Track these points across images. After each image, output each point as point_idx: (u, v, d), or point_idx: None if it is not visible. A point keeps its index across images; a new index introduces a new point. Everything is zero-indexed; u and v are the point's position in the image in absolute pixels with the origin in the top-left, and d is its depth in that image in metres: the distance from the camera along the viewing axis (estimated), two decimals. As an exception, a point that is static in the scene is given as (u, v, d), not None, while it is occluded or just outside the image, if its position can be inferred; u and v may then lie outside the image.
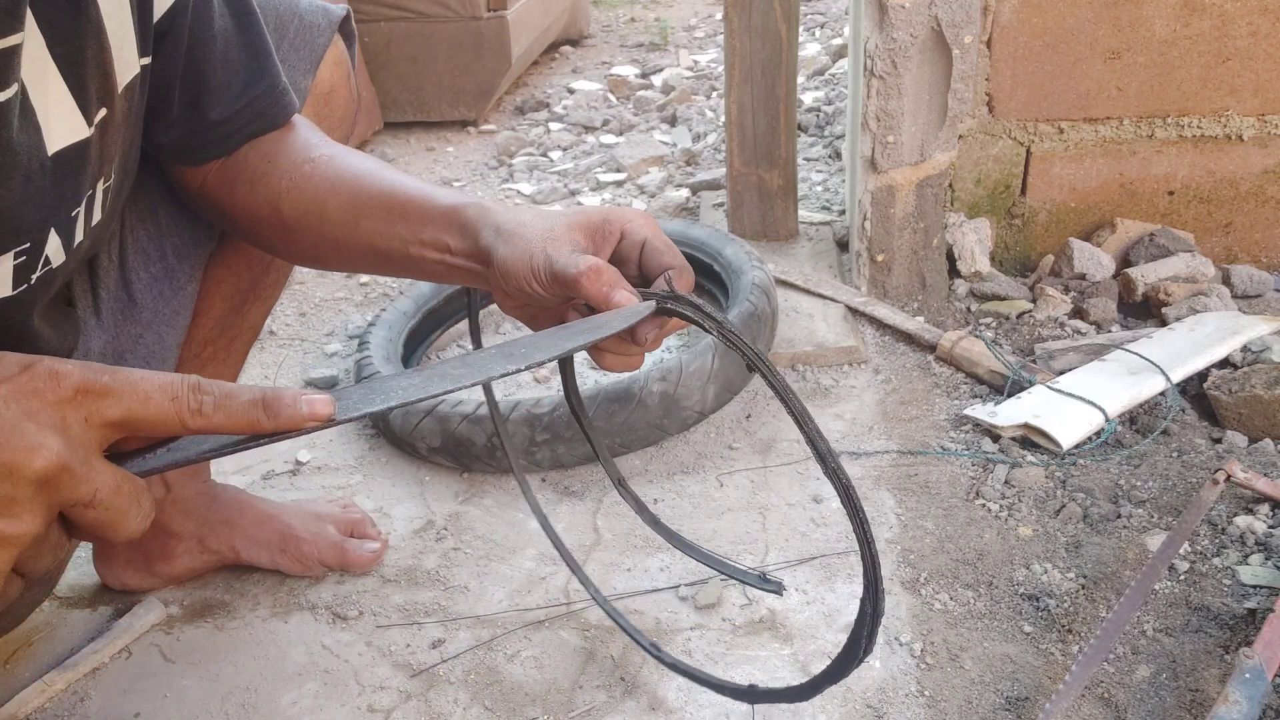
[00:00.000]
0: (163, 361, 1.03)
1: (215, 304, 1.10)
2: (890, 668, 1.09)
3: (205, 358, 1.13)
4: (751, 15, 1.85)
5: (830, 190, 2.31)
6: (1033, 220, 1.88)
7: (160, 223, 0.99)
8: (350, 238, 0.87)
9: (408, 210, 0.84)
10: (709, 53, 3.97)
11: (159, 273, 1.00)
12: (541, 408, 1.39)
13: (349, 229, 0.86)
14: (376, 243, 0.85)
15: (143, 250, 0.99)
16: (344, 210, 0.86)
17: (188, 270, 1.03)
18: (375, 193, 0.86)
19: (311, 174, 0.89)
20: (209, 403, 0.56)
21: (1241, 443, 1.40)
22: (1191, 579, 1.18)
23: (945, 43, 1.61)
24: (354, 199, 0.86)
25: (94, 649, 1.15)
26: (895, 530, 1.29)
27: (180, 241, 1.01)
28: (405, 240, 0.84)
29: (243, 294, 1.12)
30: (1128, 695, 1.04)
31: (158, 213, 0.99)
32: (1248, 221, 1.84)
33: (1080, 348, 1.62)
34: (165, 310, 1.01)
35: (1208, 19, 1.69)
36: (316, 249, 0.90)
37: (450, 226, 0.82)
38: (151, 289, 1.00)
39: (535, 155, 2.93)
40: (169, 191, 0.99)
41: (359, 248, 0.87)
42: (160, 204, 0.99)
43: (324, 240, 0.89)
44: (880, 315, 1.74)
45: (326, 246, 0.89)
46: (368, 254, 0.87)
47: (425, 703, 1.08)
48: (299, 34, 1.02)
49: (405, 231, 0.83)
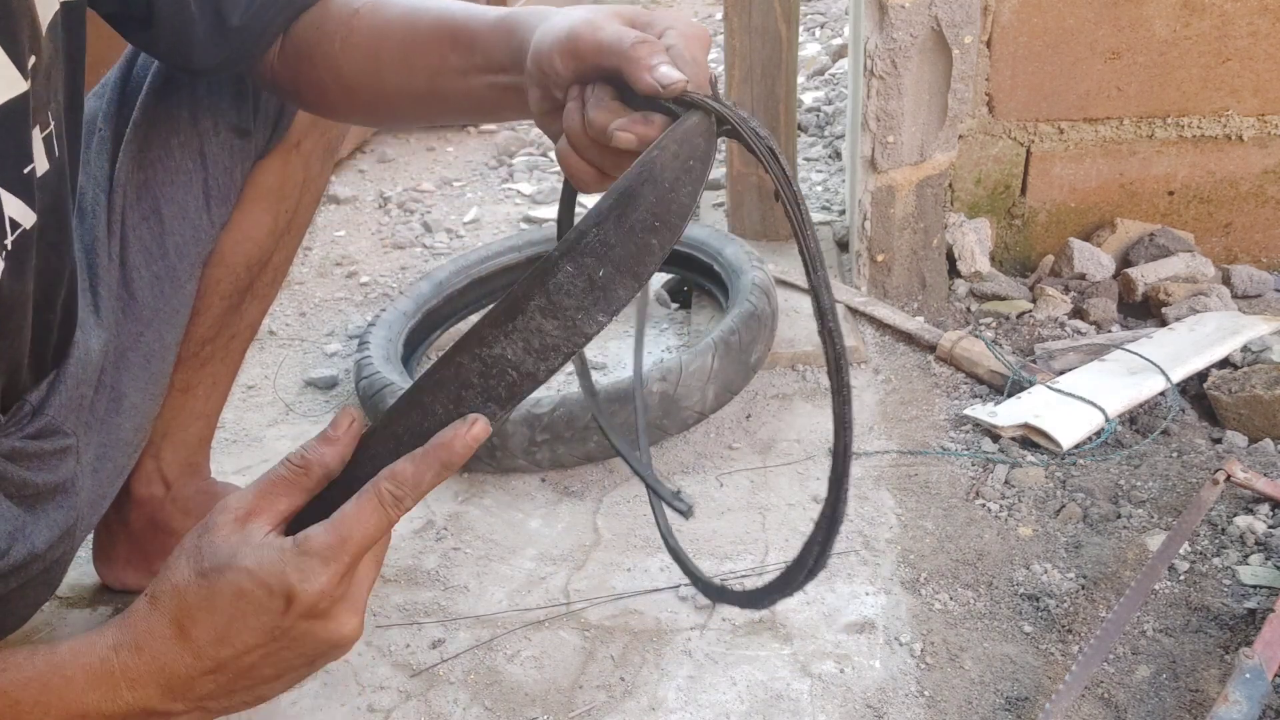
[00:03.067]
0: (161, 360, 1.03)
1: (213, 302, 1.10)
2: (890, 668, 1.09)
3: (203, 357, 1.13)
4: (751, 15, 1.84)
5: (830, 190, 2.31)
6: (1033, 220, 1.88)
7: (163, 220, 0.99)
8: (408, 83, 0.85)
9: (457, 37, 0.81)
10: (709, 53, 3.96)
11: (160, 270, 1.00)
12: (541, 408, 1.39)
13: (406, 73, 0.84)
14: (434, 81, 0.83)
15: (145, 248, 0.99)
16: (398, 53, 0.85)
17: (188, 268, 1.03)
18: (425, 27, 0.83)
19: (359, 26, 0.87)
20: (405, 495, 0.65)
21: (1241, 443, 1.40)
22: (1191, 579, 1.18)
23: (945, 43, 1.61)
24: (405, 39, 0.84)
25: (94, 649, 1.15)
26: (895, 530, 1.29)
27: (181, 240, 1.01)
28: (461, 70, 0.81)
29: (240, 293, 1.12)
30: (1128, 695, 1.04)
31: (160, 211, 0.99)
32: (1248, 221, 1.84)
33: (1080, 348, 1.62)
34: (165, 308, 1.01)
35: (1208, 19, 1.69)
36: (380, 101, 0.89)
37: (498, 40, 0.78)
38: (153, 287, 1.00)
39: (535, 155, 2.93)
40: (172, 190, 0.99)
41: (417, 91, 0.85)
42: (163, 202, 0.99)
43: (385, 91, 0.87)
44: (880, 315, 1.74)
45: (390, 96, 0.88)
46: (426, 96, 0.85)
47: (425, 703, 1.08)
48: None
49: (458, 60, 0.81)
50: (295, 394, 1.71)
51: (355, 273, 2.14)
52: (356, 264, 2.18)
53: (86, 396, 0.93)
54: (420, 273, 2.06)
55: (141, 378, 1.01)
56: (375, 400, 1.49)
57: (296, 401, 1.69)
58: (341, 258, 2.21)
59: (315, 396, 1.70)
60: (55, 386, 0.89)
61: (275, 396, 1.70)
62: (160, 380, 1.04)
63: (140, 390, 1.01)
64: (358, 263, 2.19)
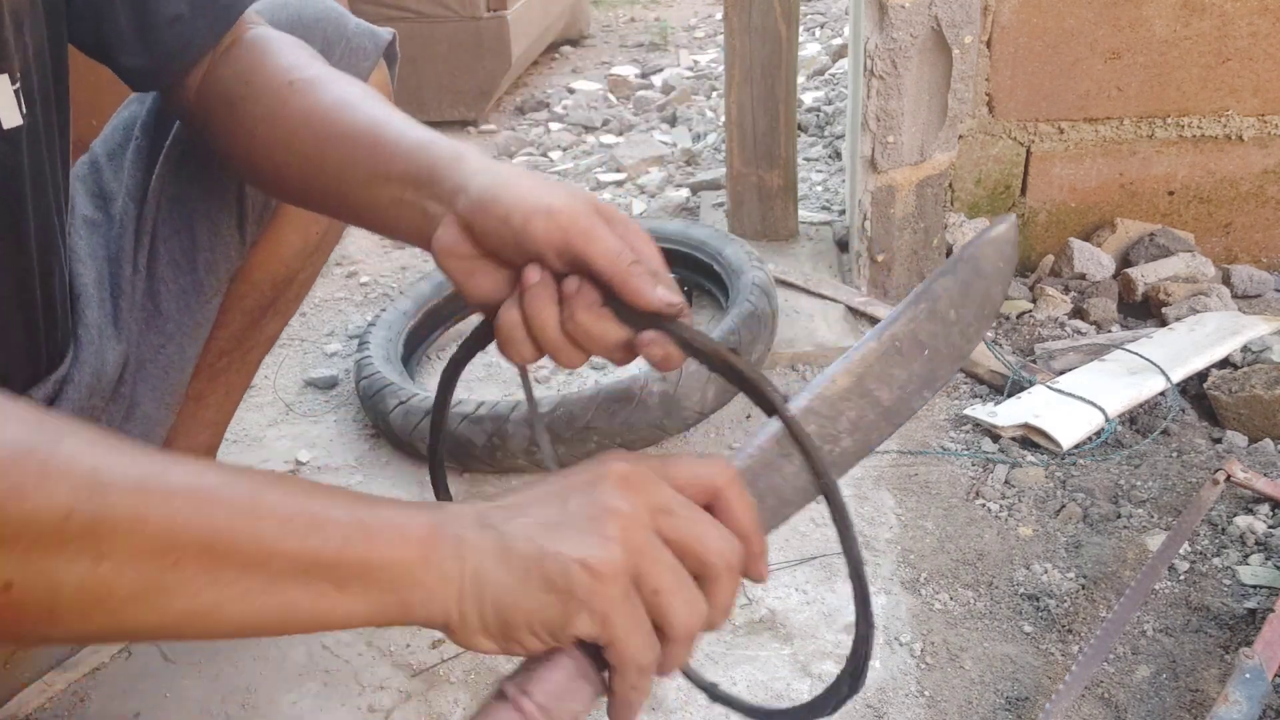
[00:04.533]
0: (180, 372, 1.03)
1: (234, 317, 1.10)
2: (890, 668, 1.09)
3: (220, 368, 1.13)
4: (751, 15, 1.85)
5: (830, 190, 2.31)
6: (1033, 220, 1.88)
7: (194, 236, 0.99)
8: (312, 175, 0.80)
9: (379, 142, 0.76)
10: (709, 53, 3.97)
11: (188, 285, 1.00)
12: (541, 408, 1.39)
13: (312, 165, 0.80)
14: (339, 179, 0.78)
15: (174, 261, 0.98)
16: (311, 143, 0.80)
17: (215, 284, 1.03)
18: (348, 124, 0.78)
19: (288, 100, 0.82)
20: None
21: (1241, 443, 1.40)
22: (1191, 579, 1.18)
23: (945, 43, 1.61)
24: (324, 131, 0.79)
25: (94, 649, 1.15)
26: (895, 530, 1.29)
27: (212, 256, 1.01)
28: (369, 177, 0.75)
29: (263, 309, 1.12)
30: (1128, 695, 1.04)
31: (193, 226, 0.99)
32: (1248, 221, 1.84)
33: (1080, 348, 1.62)
34: (189, 322, 1.01)
35: (1208, 19, 1.69)
36: (280, 184, 0.86)
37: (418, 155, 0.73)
38: (179, 300, 0.99)
39: (535, 155, 2.93)
40: (206, 206, 0.99)
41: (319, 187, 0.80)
42: (196, 218, 0.99)
43: (287, 175, 0.83)
44: (880, 315, 1.74)
45: (289, 182, 0.83)
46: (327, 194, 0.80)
47: (425, 703, 1.08)
48: (344, 57, 1.00)
49: (370, 165, 0.75)
50: (295, 394, 1.71)
51: (355, 273, 2.14)
52: (356, 264, 2.18)
53: (98, 408, 0.92)
54: (420, 273, 2.06)
55: (158, 389, 1.01)
56: (375, 400, 1.49)
57: (296, 401, 1.69)
58: (341, 258, 2.21)
59: (315, 396, 1.70)
60: (62, 394, 0.88)
61: (275, 396, 1.70)
62: (177, 392, 1.04)
63: (155, 401, 1.01)
64: (358, 263, 2.19)
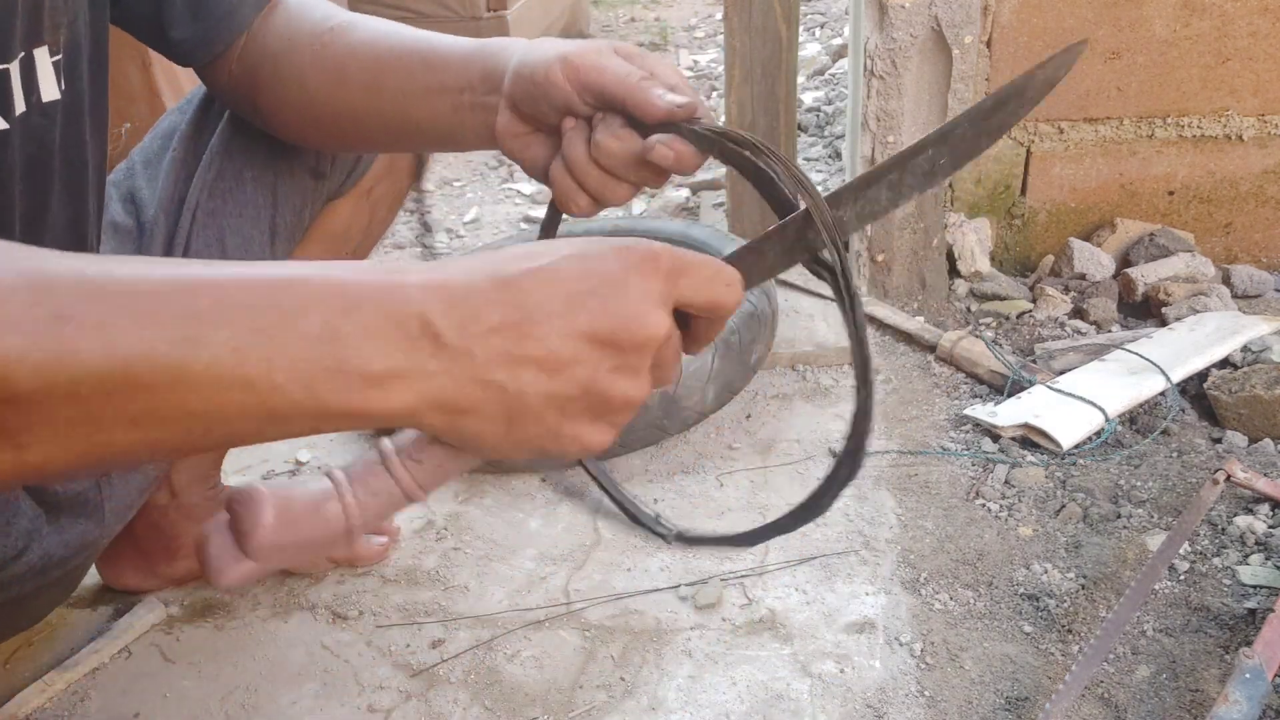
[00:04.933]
0: None
1: None
2: (890, 668, 1.09)
3: None
4: (751, 15, 1.84)
5: (830, 190, 2.31)
6: (1033, 220, 1.88)
7: (226, 250, 1.00)
8: (371, 104, 0.84)
9: (429, 58, 0.81)
10: (709, 53, 3.97)
11: None
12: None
13: (370, 93, 0.83)
14: (399, 102, 0.82)
15: None
16: (364, 72, 0.84)
17: None
18: (396, 48, 0.83)
19: (331, 42, 0.86)
20: (737, 279, 0.60)
21: (1241, 443, 1.40)
22: (1191, 579, 1.18)
23: (945, 43, 1.61)
24: (375, 58, 0.83)
25: (94, 649, 1.15)
26: (895, 530, 1.29)
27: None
28: (427, 90, 0.80)
29: None
30: (1128, 695, 1.04)
31: (225, 240, 1.00)
32: (1248, 221, 1.84)
33: (1080, 348, 1.62)
34: None
35: (1208, 19, 1.69)
36: (342, 120, 0.88)
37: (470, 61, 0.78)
38: None
39: (535, 155, 2.93)
40: (239, 221, 1.00)
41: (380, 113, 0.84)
42: (229, 232, 1.00)
43: (349, 110, 0.86)
44: (880, 315, 1.74)
45: (353, 115, 0.86)
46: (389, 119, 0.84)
47: (425, 703, 1.08)
48: None
49: (425, 79, 0.80)
50: (295, 394, 1.71)
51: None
52: (356, 264, 2.18)
53: None
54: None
55: None
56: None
57: (297, 401, 1.69)
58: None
59: (315, 396, 1.70)
60: None
61: (275, 396, 1.70)
62: None
63: None
64: (358, 263, 2.19)
